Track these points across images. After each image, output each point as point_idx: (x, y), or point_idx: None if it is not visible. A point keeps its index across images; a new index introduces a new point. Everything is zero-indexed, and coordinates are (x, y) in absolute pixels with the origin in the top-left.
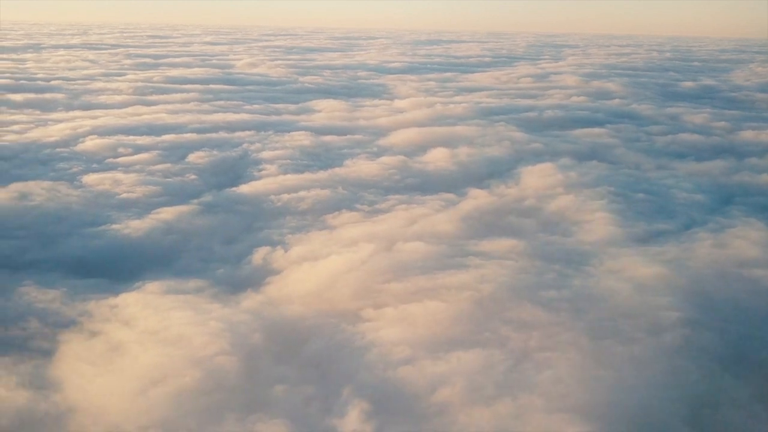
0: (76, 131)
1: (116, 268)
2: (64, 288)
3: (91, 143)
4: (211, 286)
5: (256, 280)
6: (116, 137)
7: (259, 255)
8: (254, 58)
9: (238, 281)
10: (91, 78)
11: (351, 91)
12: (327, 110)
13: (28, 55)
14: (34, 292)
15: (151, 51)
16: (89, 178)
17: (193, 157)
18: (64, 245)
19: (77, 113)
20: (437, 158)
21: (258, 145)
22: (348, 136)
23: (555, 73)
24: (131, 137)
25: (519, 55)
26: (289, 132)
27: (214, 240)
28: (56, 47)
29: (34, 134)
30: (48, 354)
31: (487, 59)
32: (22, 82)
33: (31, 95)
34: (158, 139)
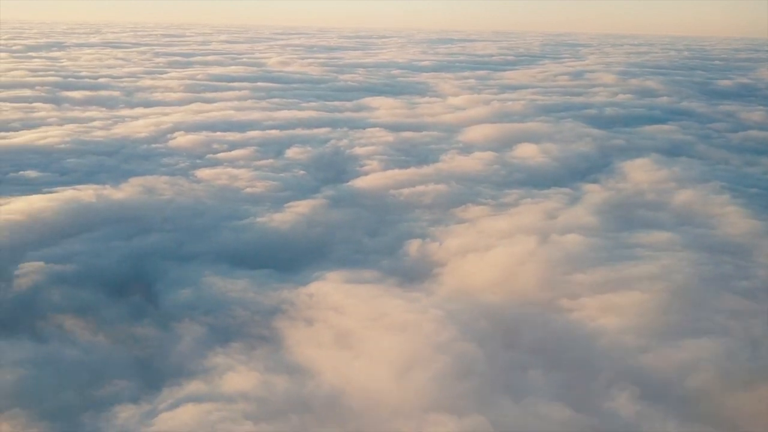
0: (159, 128)
1: (277, 258)
2: (245, 278)
3: (182, 139)
4: (385, 277)
5: (423, 270)
6: (203, 133)
7: (412, 247)
8: (282, 57)
9: (405, 271)
10: (135, 76)
11: (395, 89)
12: (385, 107)
13: (57, 53)
14: (219, 282)
15: (175, 49)
16: (203, 173)
17: (291, 153)
18: (217, 238)
19: (142, 110)
20: (529, 154)
21: (345, 141)
22: (424, 133)
23: (588, 72)
24: (217, 133)
25: (538, 54)
26: (363, 128)
27: (357, 232)
28: (79, 46)
29: (119, 130)
30: (269, 340)
31: (510, 58)
32: (70, 79)
33: (87, 92)
34: (244, 135)
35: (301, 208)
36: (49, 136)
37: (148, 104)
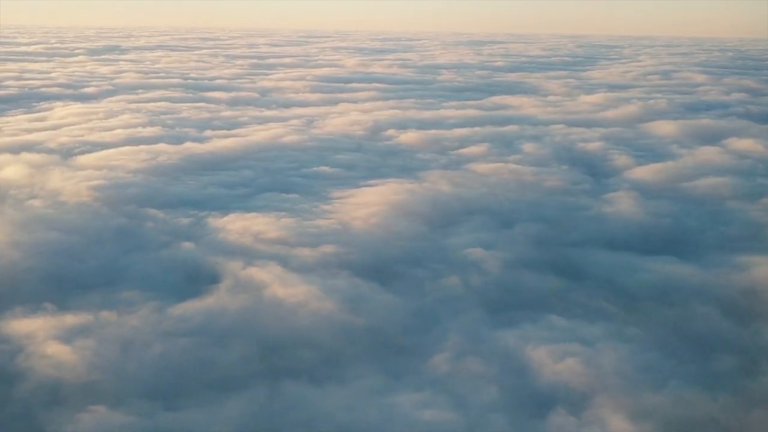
0: (364, 126)
1: (656, 244)
2: (668, 264)
3: (405, 137)
4: None
5: None
6: (414, 131)
7: None
8: (354, 59)
9: None
10: (242, 77)
11: (501, 89)
12: (527, 106)
13: (130, 56)
14: (657, 266)
15: (237, 52)
16: (479, 168)
17: (528, 149)
18: (582, 227)
19: (300, 110)
20: (755, 148)
21: (558, 137)
22: (610, 129)
23: (674, 71)
24: (432, 131)
25: (585, 55)
26: (546, 125)
27: (702, 222)
28: (139, 49)
29: (330, 129)
30: None
31: (567, 59)
32: (189, 81)
33: (225, 94)
34: (452, 132)
35: (624, 198)
36: (284, 134)
37: (300, 104)
